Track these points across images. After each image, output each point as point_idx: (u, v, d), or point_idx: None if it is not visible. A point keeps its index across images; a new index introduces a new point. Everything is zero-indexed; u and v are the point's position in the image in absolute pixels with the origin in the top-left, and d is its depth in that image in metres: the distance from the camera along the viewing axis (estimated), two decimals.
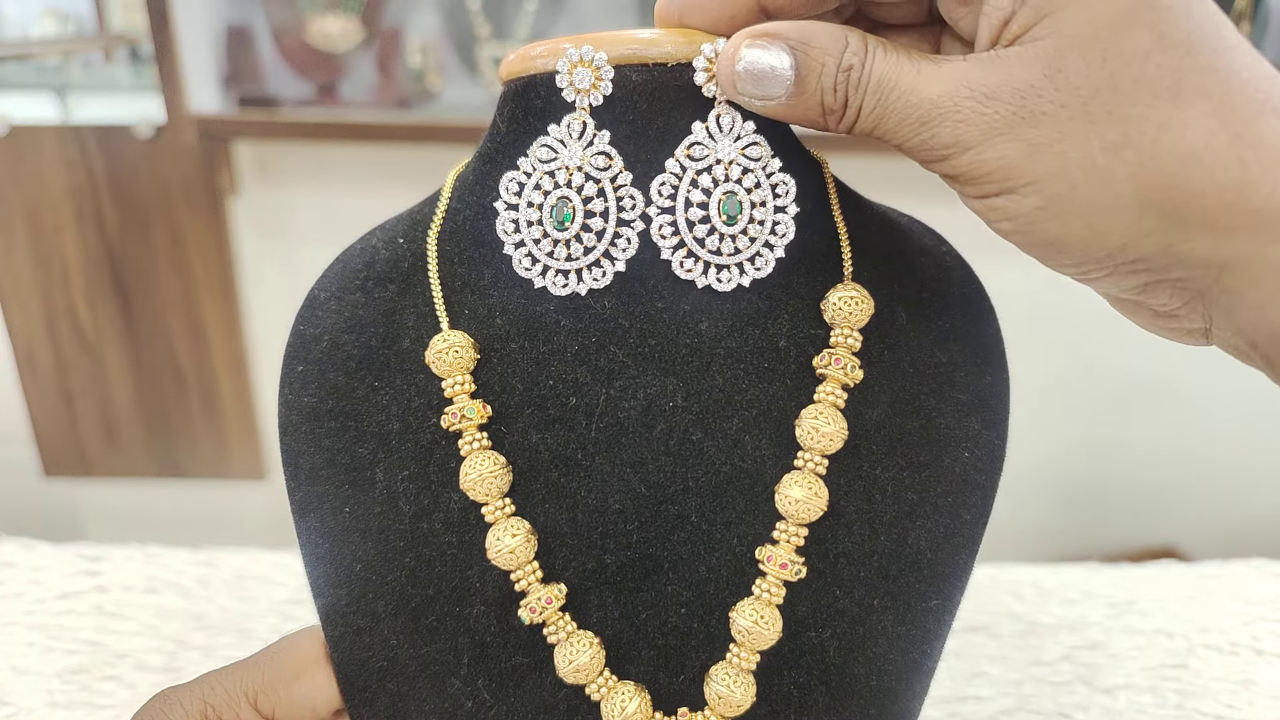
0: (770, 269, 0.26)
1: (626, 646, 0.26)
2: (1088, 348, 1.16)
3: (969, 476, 0.27)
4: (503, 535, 0.26)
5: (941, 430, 0.27)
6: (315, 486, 0.28)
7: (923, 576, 0.26)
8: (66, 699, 0.51)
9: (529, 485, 0.27)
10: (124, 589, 0.60)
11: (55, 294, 1.13)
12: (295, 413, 0.29)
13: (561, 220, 0.26)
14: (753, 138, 0.26)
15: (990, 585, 0.63)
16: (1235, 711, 0.52)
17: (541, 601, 0.26)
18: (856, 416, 0.27)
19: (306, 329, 0.30)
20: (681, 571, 0.26)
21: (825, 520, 0.26)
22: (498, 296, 0.27)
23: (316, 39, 1.00)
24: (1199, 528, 1.25)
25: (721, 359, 0.27)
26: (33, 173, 1.07)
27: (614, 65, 0.26)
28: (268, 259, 1.15)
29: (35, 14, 1.23)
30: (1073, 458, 1.22)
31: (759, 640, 0.25)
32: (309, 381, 0.29)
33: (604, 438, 0.27)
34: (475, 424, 0.27)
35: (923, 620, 0.26)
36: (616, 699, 0.25)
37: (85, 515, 1.30)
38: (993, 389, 0.28)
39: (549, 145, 0.26)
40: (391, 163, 1.10)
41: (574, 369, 0.27)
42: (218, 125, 0.97)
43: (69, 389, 1.19)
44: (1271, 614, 0.60)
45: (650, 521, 0.26)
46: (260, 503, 1.28)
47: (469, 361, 0.27)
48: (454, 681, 0.27)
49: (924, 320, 0.28)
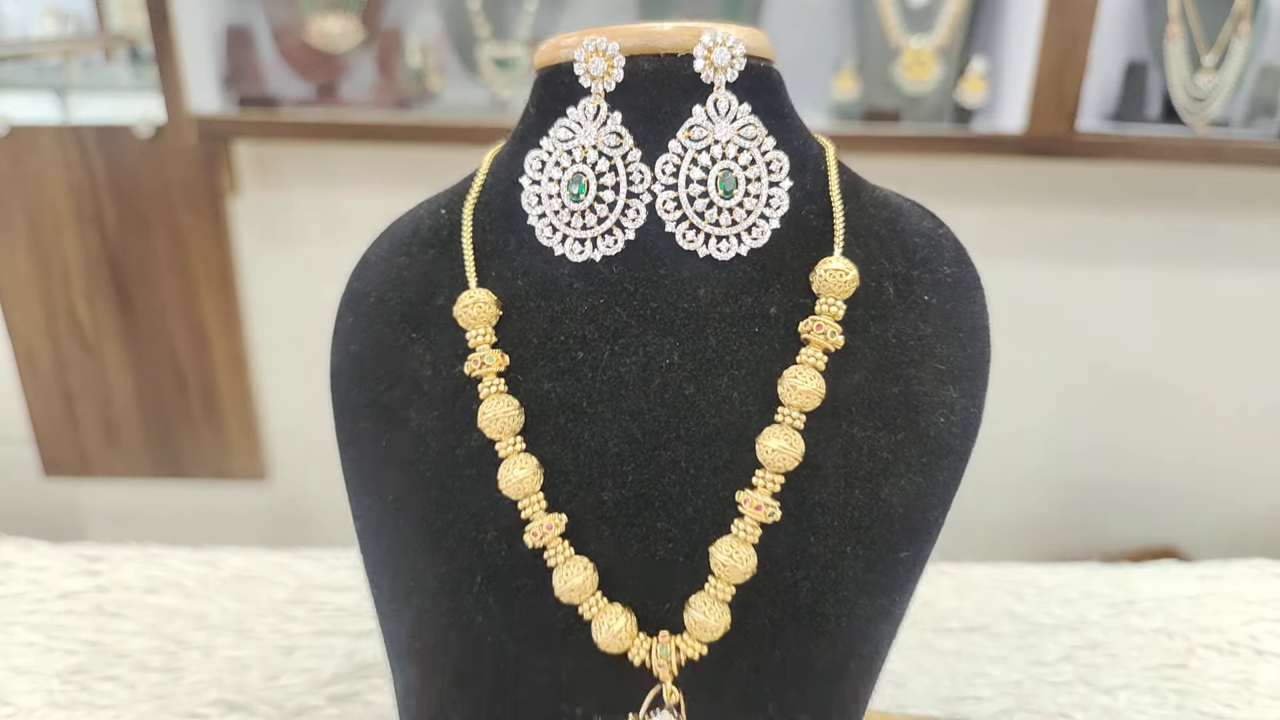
0: (766, 239, 0.29)
1: (618, 574, 0.28)
2: (1089, 349, 1.16)
3: (943, 440, 0.29)
4: (512, 469, 0.28)
5: (919, 396, 0.29)
6: (359, 424, 0.32)
7: (894, 529, 0.28)
8: (66, 699, 0.51)
9: (539, 427, 0.29)
10: (124, 589, 0.60)
11: (55, 294, 1.13)
12: (344, 359, 0.33)
13: (577, 193, 0.29)
14: (748, 119, 0.28)
15: (990, 585, 0.64)
16: (1235, 711, 0.52)
17: (543, 528, 0.28)
18: (838, 379, 0.28)
19: (358, 285, 0.35)
20: (670, 510, 0.28)
21: (803, 471, 0.28)
22: (521, 261, 0.30)
23: (316, 39, 1.00)
24: (1199, 528, 1.25)
25: (716, 322, 0.29)
26: (33, 173, 1.07)
27: (627, 55, 0.29)
28: (268, 259, 1.15)
29: (35, 14, 1.23)
30: (1073, 458, 1.22)
31: (733, 574, 0.27)
32: (357, 332, 0.33)
33: (607, 389, 0.29)
34: (494, 371, 0.30)
35: (892, 570, 0.28)
36: (605, 619, 0.28)
37: (85, 516, 1.31)
38: (972, 361, 0.30)
39: (568, 126, 0.30)
40: (392, 163, 1.10)
41: (583, 327, 0.30)
42: (218, 125, 0.97)
43: (69, 389, 1.19)
44: (1271, 614, 0.60)
45: (644, 465, 0.29)
46: (261, 503, 1.28)
47: (491, 316, 0.30)
48: (468, 598, 0.29)
49: (911, 295, 0.30)
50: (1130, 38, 1.00)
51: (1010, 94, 0.96)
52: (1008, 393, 1.18)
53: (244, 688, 0.52)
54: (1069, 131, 0.92)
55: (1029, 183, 1.07)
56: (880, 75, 0.99)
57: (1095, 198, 1.08)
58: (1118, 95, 1.01)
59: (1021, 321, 1.13)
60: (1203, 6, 0.93)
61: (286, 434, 1.26)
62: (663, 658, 0.28)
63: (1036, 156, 0.94)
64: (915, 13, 0.97)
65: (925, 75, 0.97)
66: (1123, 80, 1.00)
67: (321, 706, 0.51)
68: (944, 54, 0.97)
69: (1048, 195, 1.08)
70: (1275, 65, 0.98)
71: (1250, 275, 1.12)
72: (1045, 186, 1.07)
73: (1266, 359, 1.16)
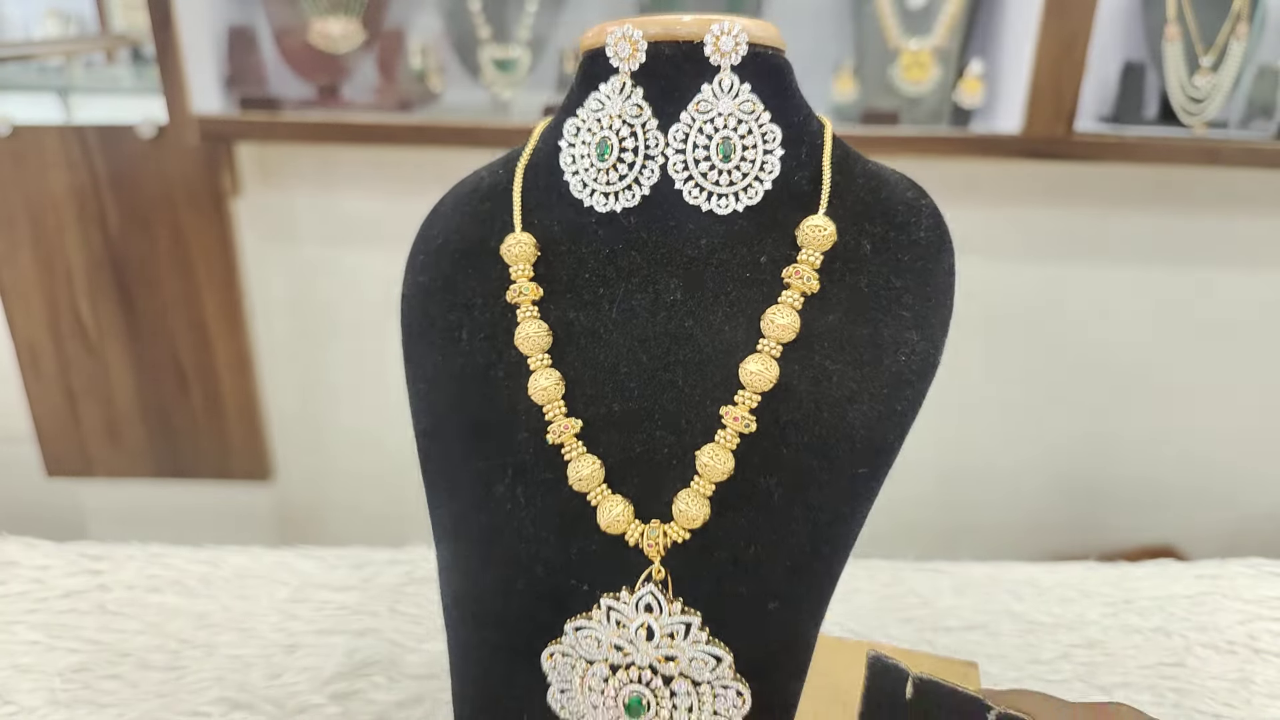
0: (759, 199, 0.34)
1: (621, 472, 0.34)
2: (1087, 349, 1.16)
3: (903, 375, 0.33)
4: (539, 379, 0.34)
5: (885, 337, 0.34)
6: (420, 343, 0.38)
7: (854, 448, 0.33)
8: (69, 697, 0.51)
9: (564, 348, 0.35)
10: (126, 588, 0.60)
11: (58, 294, 1.14)
12: (413, 288, 0.39)
13: (602, 153, 0.35)
14: (748, 97, 0.34)
15: (989, 584, 0.64)
16: (1233, 710, 0.52)
17: (561, 428, 0.34)
18: (815, 318, 0.34)
19: (428, 230, 0.40)
20: (668, 422, 0.34)
21: (779, 394, 0.33)
22: (558, 211, 0.37)
23: (318, 40, 1.01)
24: (1196, 527, 1.25)
25: (714, 268, 0.35)
26: (35, 173, 1.08)
27: (652, 41, 0.34)
28: (270, 259, 1.16)
29: (37, 15, 1.23)
30: (1071, 457, 1.23)
31: (714, 473, 0.32)
32: (426, 266, 0.39)
33: (621, 319, 0.35)
34: (529, 299, 0.36)
35: (851, 482, 0.33)
36: (608, 505, 0.33)
37: (88, 516, 1.31)
38: (934, 311, 0.34)
39: (599, 99, 0.35)
40: (393, 164, 1.10)
41: (605, 267, 0.35)
42: (219, 126, 0.98)
43: (71, 389, 1.19)
44: (1268, 613, 0.61)
45: (648, 383, 0.34)
46: (263, 503, 1.29)
47: (531, 255, 0.36)
48: (499, 487, 0.35)
49: (886, 253, 0.35)
50: (1128, 39, 1.01)
51: (1008, 95, 0.96)
52: (1006, 392, 1.18)
53: (246, 686, 0.52)
54: (1067, 132, 0.92)
55: (1027, 184, 1.07)
56: (879, 77, 0.99)
57: (1093, 198, 1.08)
58: (1115, 96, 1.01)
59: (1019, 321, 1.13)
60: (1200, 8, 0.93)
61: (289, 434, 1.26)
62: (652, 539, 0.33)
63: (1034, 157, 0.94)
64: (913, 14, 0.97)
65: (923, 76, 0.97)
66: (1120, 81, 1.00)
67: (323, 705, 0.51)
68: (942, 55, 0.98)
69: (1045, 196, 1.08)
70: (1273, 66, 0.98)
71: (1248, 275, 1.12)
72: (1043, 187, 1.08)
73: (1264, 359, 1.16)
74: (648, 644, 0.33)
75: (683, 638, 0.33)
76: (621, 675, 0.33)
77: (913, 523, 1.25)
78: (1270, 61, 0.99)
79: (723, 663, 0.33)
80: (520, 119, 1.00)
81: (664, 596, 0.33)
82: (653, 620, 0.33)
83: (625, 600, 0.33)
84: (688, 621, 0.33)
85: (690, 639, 0.33)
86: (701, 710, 0.33)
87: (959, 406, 1.18)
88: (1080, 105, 0.91)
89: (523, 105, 1.03)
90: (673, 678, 0.33)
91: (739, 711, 0.33)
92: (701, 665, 0.33)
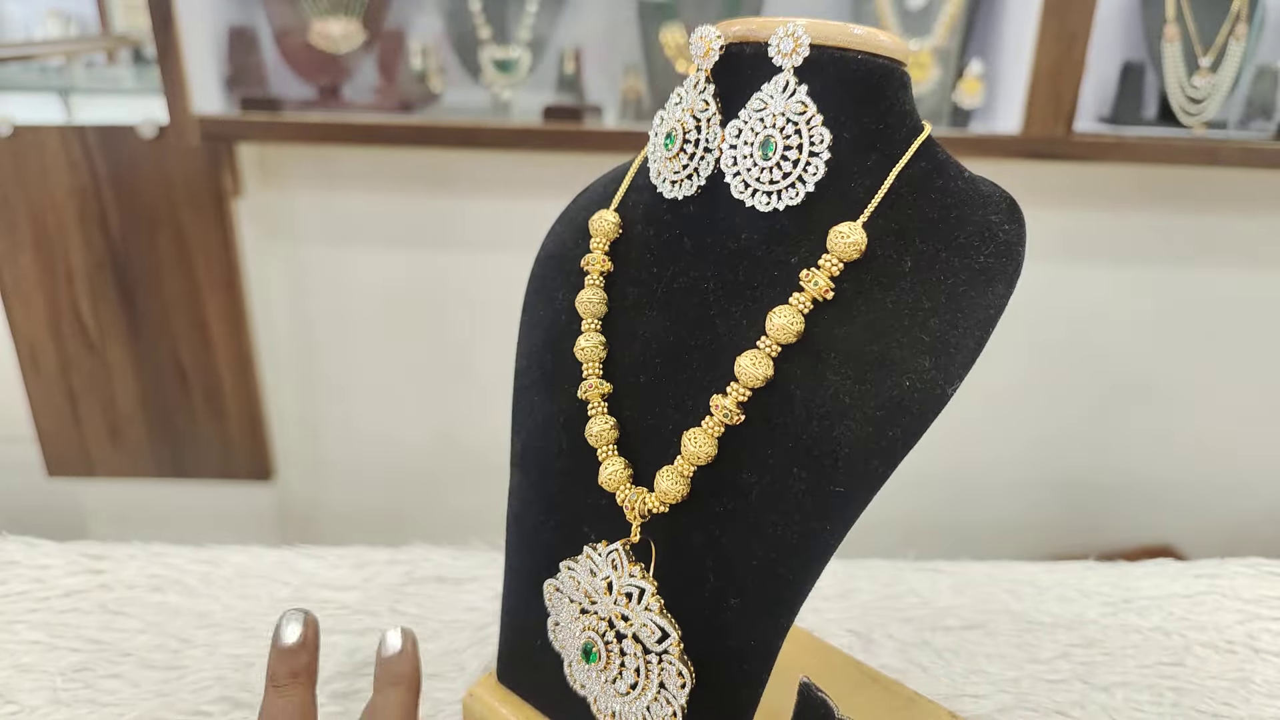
0: (800, 200, 0.34)
1: (632, 439, 0.37)
2: (1086, 349, 1.16)
3: (902, 402, 0.32)
4: (583, 340, 0.38)
5: (893, 358, 0.33)
6: (534, 295, 0.43)
7: (836, 466, 0.33)
8: (70, 696, 0.51)
9: (615, 318, 0.39)
10: (127, 587, 0.60)
11: (59, 294, 1.14)
12: (542, 251, 0.44)
13: (667, 144, 0.37)
14: (801, 98, 0.34)
15: (988, 583, 0.64)
16: (1232, 709, 0.52)
17: (588, 386, 0.38)
18: (828, 327, 0.33)
19: (557, 227, 0.44)
20: (677, 400, 0.36)
21: (775, 397, 0.34)
22: (644, 196, 0.40)
23: (318, 41, 1.01)
24: (1195, 526, 1.25)
25: (747, 262, 0.36)
26: (36, 173, 1.08)
27: (733, 41, 0.36)
28: (271, 259, 1.16)
29: (38, 15, 1.23)
30: (1069, 458, 1.23)
31: (695, 457, 0.34)
32: (556, 237, 0.44)
33: (663, 298, 0.38)
34: (598, 269, 0.39)
35: (828, 499, 0.33)
36: (609, 463, 0.36)
37: (88, 517, 1.31)
38: (959, 340, 0.33)
39: (679, 94, 0.38)
40: (394, 164, 1.10)
41: (663, 249, 0.38)
42: (220, 126, 0.98)
43: (72, 389, 1.19)
44: (1267, 612, 0.61)
45: (669, 362, 0.37)
46: (265, 504, 1.29)
47: (611, 231, 0.40)
48: (554, 429, 0.40)
49: (928, 273, 0.33)
50: (1127, 39, 1.01)
51: (1007, 95, 0.96)
52: (1005, 393, 1.18)
53: (247, 685, 0.52)
54: (1066, 133, 0.92)
55: (1026, 184, 1.07)
56: None
57: (1092, 199, 1.09)
58: (1114, 97, 1.01)
59: (1018, 322, 1.13)
60: (1199, 8, 0.93)
61: (289, 434, 1.26)
62: (632, 502, 0.36)
63: (1033, 158, 0.94)
64: (913, 14, 0.97)
65: (923, 77, 0.97)
66: (1119, 81, 1.00)
67: (323, 704, 0.51)
68: (941, 56, 0.98)
69: (1045, 196, 1.08)
70: (1272, 66, 0.98)
71: (1247, 276, 1.12)
72: (1042, 187, 1.08)
73: (1263, 359, 1.16)
74: (607, 597, 0.36)
75: (637, 602, 0.35)
76: (584, 619, 0.37)
77: (913, 523, 1.25)
78: (1269, 62, 0.99)
79: (669, 639, 0.34)
80: (520, 119, 1.00)
81: (627, 557, 0.35)
82: (614, 577, 0.36)
83: (600, 553, 0.36)
84: (641, 587, 0.35)
85: (644, 605, 0.35)
86: (649, 679, 0.35)
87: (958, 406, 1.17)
88: (1079, 105, 0.91)
89: (523, 105, 1.03)
90: (625, 637, 0.36)
91: (680, 693, 0.35)
92: (649, 634, 0.35)
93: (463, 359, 1.19)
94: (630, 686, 0.36)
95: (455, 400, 1.22)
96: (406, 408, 1.23)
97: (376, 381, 1.22)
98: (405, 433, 1.25)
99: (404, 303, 1.15)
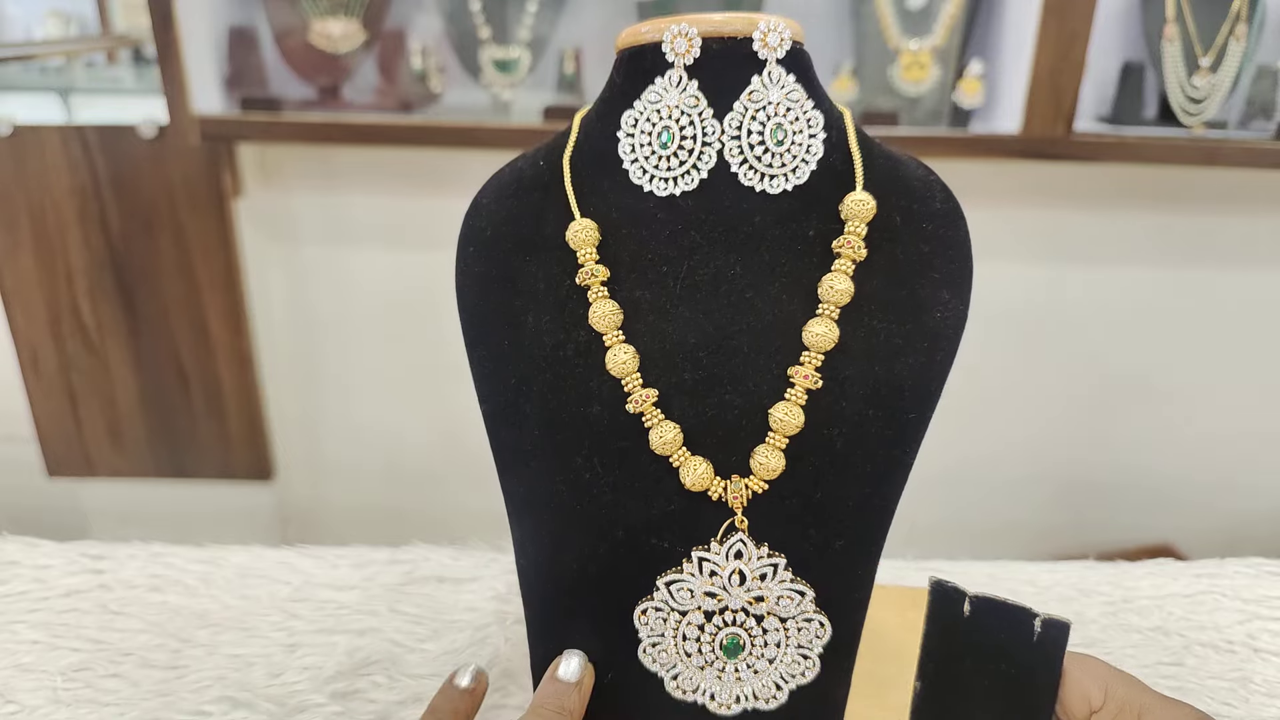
0: (806, 179, 0.37)
1: (697, 436, 0.37)
2: (1085, 349, 1.16)
3: (939, 330, 0.37)
4: (618, 354, 0.37)
5: (921, 297, 0.37)
6: (484, 328, 0.40)
7: (904, 396, 0.37)
8: (70, 696, 0.51)
9: (634, 325, 0.38)
10: (128, 587, 0.60)
11: (59, 294, 1.14)
12: (469, 277, 0.41)
13: (664, 142, 0.38)
14: (793, 87, 0.37)
15: (988, 583, 0.64)
16: (1231, 709, 0.52)
17: (642, 397, 0.37)
18: (861, 284, 0.37)
19: (474, 223, 0.42)
20: (736, 386, 0.37)
21: (836, 353, 0.36)
22: (614, 198, 0.39)
23: (318, 41, 1.01)
24: (1195, 526, 1.25)
25: (769, 243, 0.38)
26: (36, 173, 1.08)
27: (701, 38, 0.37)
28: (271, 260, 1.16)
29: (38, 15, 1.24)
30: (1070, 458, 1.23)
31: (787, 428, 0.36)
32: (479, 257, 0.41)
33: (685, 294, 0.38)
34: (599, 280, 0.38)
35: (903, 428, 0.37)
36: (691, 464, 0.36)
37: (89, 517, 1.31)
38: (960, 272, 0.38)
39: (656, 92, 0.38)
40: (393, 164, 1.10)
41: (666, 247, 0.38)
42: (220, 126, 0.98)
43: (73, 389, 1.19)
44: (1267, 612, 0.61)
45: (715, 352, 0.37)
46: (264, 503, 1.29)
47: (594, 239, 0.39)
48: (576, 459, 0.38)
49: (913, 223, 0.38)
50: (1127, 39, 1.01)
51: (1007, 95, 0.96)
52: (1005, 393, 1.19)
53: (247, 685, 0.52)
54: (1066, 133, 0.92)
55: (1026, 184, 1.07)
56: (878, 77, 0.99)
57: (1092, 199, 1.09)
58: (1114, 96, 1.01)
59: (1018, 322, 1.13)
60: (1199, 8, 0.93)
61: (289, 434, 1.26)
62: (735, 491, 0.36)
63: (1033, 158, 0.94)
64: (913, 15, 0.97)
65: (923, 77, 0.98)
66: (1119, 82, 1.00)
67: (324, 704, 0.51)
68: (941, 56, 0.98)
69: (1044, 196, 1.08)
70: (1272, 66, 0.98)
71: (1247, 276, 1.12)
72: (1042, 188, 1.08)
73: (1264, 359, 1.16)
74: (739, 588, 0.37)
75: (772, 579, 0.37)
76: (717, 620, 0.37)
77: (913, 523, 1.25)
78: (1269, 62, 0.99)
79: (806, 597, 0.37)
80: (520, 119, 1.00)
81: (752, 542, 0.36)
82: (743, 565, 0.36)
83: (716, 551, 0.37)
84: (775, 563, 0.37)
85: (777, 579, 0.37)
86: (788, 644, 0.37)
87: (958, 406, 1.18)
88: (1079, 105, 0.91)
89: (523, 105, 1.03)
90: (763, 616, 0.37)
91: (820, 641, 0.37)
92: (788, 602, 0.37)
93: (462, 359, 1.18)
94: (769, 661, 0.38)
95: (455, 400, 1.22)
96: (406, 407, 1.23)
97: (377, 381, 1.22)
98: (405, 432, 1.25)
99: (404, 302, 1.15)
